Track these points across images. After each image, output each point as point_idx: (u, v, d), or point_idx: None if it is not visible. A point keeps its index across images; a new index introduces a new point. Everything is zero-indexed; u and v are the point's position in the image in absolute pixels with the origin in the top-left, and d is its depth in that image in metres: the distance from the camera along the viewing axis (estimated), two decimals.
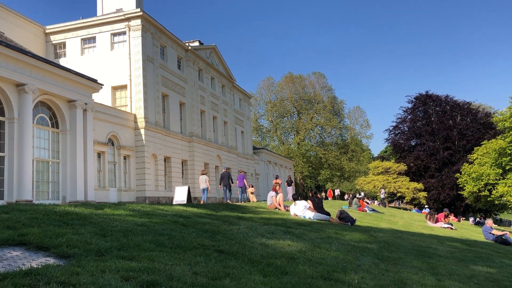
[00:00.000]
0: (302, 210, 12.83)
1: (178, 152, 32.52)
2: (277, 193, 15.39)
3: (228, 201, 22.40)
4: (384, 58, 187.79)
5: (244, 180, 24.45)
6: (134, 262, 4.07)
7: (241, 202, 22.47)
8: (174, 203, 18.92)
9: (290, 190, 25.91)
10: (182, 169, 33.69)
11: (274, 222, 9.77)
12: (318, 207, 13.33)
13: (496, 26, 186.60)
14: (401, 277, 5.39)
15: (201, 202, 20.95)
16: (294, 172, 70.26)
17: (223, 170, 24.04)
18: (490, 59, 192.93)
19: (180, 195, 21.47)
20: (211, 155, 37.51)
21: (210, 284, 3.69)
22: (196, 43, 38.61)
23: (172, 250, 4.98)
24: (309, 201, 13.53)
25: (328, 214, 13.10)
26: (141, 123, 28.06)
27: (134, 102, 28.43)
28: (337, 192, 49.60)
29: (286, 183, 27.72)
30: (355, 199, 24.67)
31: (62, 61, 29.47)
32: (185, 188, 21.97)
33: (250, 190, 26.03)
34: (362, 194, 44.78)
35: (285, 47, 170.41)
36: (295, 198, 13.28)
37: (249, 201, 24.18)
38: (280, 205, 14.89)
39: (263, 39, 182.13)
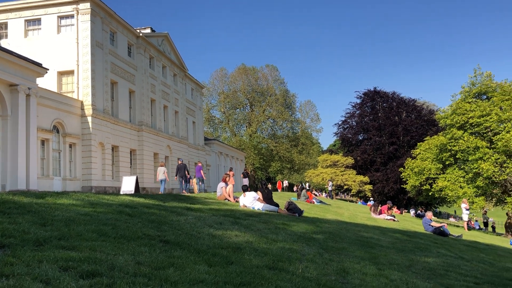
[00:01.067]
0: (251, 201, 12.90)
1: (127, 141, 31.75)
2: (227, 184, 15.38)
3: (183, 191, 23.21)
4: (336, 54, 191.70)
5: (202, 171, 25.61)
6: (74, 252, 3.94)
7: (199, 192, 22.77)
8: (121, 193, 18.49)
9: (246, 182, 26.19)
10: (131, 159, 32.95)
11: (223, 213, 9.76)
12: (267, 198, 13.46)
13: (443, 28, 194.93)
14: (344, 266, 5.56)
15: (159, 193, 21.16)
16: (246, 164, 70.59)
17: (179, 162, 25.00)
18: (435, 58, 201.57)
19: (127, 185, 21.02)
20: (161, 145, 36.92)
21: (153, 274, 3.63)
22: (148, 30, 37.68)
23: (115, 240, 4.86)
24: (258, 192, 13.63)
25: (277, 205, 13.26)
26: (88, 110, 27.12)
27: (81, 89, 27.41)
28: (285, 183, 50.17)
29: (242, 175, 28.17)
30: (303, 191, 25.12)
31: (3, 43, 27.85)
32: (133, 178, 21.54)
33: (194, 180, 26.05)
34: (307, 185, 45.72)
35: (238, 39, 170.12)
36: (245, 189, 13.33)
37: (193, 192, 24.42)
38: (230, 196, 14.90)
39: (217, 29, 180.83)
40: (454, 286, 5.53)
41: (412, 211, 39.92)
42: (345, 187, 51.20)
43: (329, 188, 44.46)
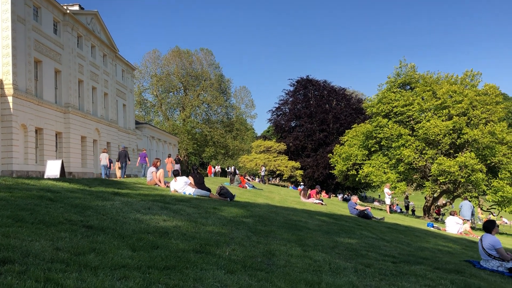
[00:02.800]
0: (182, 186, 12.77)
1: (52, 124, 30.09)
2: (157, 168, 15.09)
3: (124, 176, 24.64)
4: (271, 41, 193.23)
5: (146, 158, 26.60)
6: None
7: (142, 177, 22.68)
8: (45, 177, 17.54)
9: (178, 168, 26.19)
10: (56, 142, 31.30)
11: (152, 198, 9.58)
12: (199, 183, 13.38)
13: (372, 21, 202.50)
14: (270, 249, 5.67)
15: (102, 177, 21.68)
16: (179, 149, 69.66)
17: (121, 149, 26.47)
18: (365, 49, 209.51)
19: (52, 169, 19.98)
20: (89, 128, 35.41)
21: (72, 260, 3.49)
22: (76, 8, 35.65)
23: (33, 226, 4.61)
24: (190, 177, 13.51)
25: (208, 190, 13.23)
26: (9, 90, 25.34)
27: (1, 67, 25.51)
28: (217, 168, 49.95)
29: (174, 161, 28.27)
30: (236, 176, 25.28)
31: None
32: (58, 162, 20.50)
33: (117, 165, 25.53)
34: (232, 168, 46.14)
35: (172, 21, 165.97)
36: (176, 174, 13.15)
37: (116, 176, 24.16)
38: (160, 181, 14.65)
39: (150, 10, 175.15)
40: (373, 265, 5.82)
41: (340, 195, 41.62)
42: (278, 172, 52.19)
43: (262, 173, 45.12)
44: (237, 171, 28.06)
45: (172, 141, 64.40)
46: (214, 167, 49.84)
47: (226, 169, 54.91)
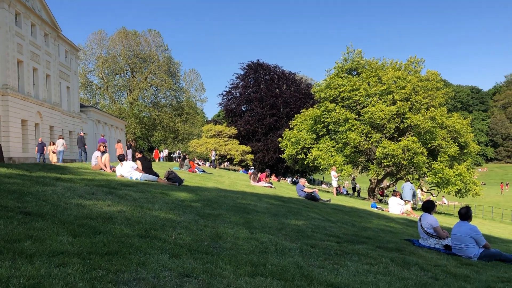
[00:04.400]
0: (129, 171, 12.47)
1: None
2: (102, 153, 14.63)
3: (83, 161, 25.54)
4: (222, 24, 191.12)
5: (106, 143, 27.10)
6: None
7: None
8: None
9: (130, 153, 26.02)
10: None
11: (97, 183, 9.29)
12: (146, 168, 13.11)
13: (320, 10, 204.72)
14: (218, 232, 5.67)
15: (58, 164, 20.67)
16: (126, 133, 67.94)
17: (80, 134, 27.98)
18: (315, 34, 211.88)
19: None
20: (30, 111, 33.75)
21: (6, 247, 3.32)
22: None
23: None
24: (137, 161, 13.22)
25: (156, 175, 13.01)
26: None
27: None
28: (165, 153, 48.84)
29: (126, 146, 28.24)
30: (186, 160, 25.03)
31: None
32: None
33: (51, 148, 24.75)
34: (177, 153, 45.74)
35: (118, 0, 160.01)
36: (121, 158, 12.80)
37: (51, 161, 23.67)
38: (106, 166, 14.24)
39: None
40: (318, 246, 5.97)
41: (289, 179, 42.33)
42: (228, 156, 52.20)
43: (212, 158, 44.97)
44: (186, 156, 27.73)
45: (119, 125, 62.69)
46: (161, 152, 48.69)
47: (172, 154, 54.03)
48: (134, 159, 13.06)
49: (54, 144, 25.65)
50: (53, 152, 24.68)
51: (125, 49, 68.46)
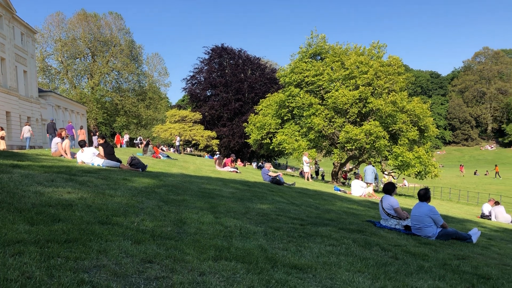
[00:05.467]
0: (90, 157, 12.17)
1: None
2: (63, 139, 14.21)
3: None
4: (185, 7, 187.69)
5: (73, 130, 27.55)
6: None
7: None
8: None
9: (95, 139, 25.61)
10: None
11: (57, 170, 9.02)
12: (108, 153, 12.83)
13: None
14: (182, 217, 5.63)
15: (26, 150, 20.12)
16: (88, 119, 66.19)
17: (50, 121, 27.41)
18: (279, 18, 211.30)
19: None
20: None
21: None
22: None
23: None
24: (99, 147, 12.92)
25: (119, 161, 12.76)
26: None
27: None
28: (126, 138, 47.62)
29: (91, 133, 27.96)
30: (149, 146, 24.67)
31: None
32: None
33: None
34: (138, 139, 45.02)
35: None
36: (82, 144, 12.47)
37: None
38: (66, 153, 13.84)
39: None
40: (282, 228, 6.04)
41: (255, 164, 42.51)
42: (193, 142, 51.82)
43: (177, 143, 44.53)
44: (149, 141, 27.36)
45: (80, 111, 60.98)
46: (123, 137, 47.44)
47: (135, 140, 52.92)
48: (82, 143, 12.73)
49: (2, 129, 24.38)
50: (1, 139, 23.47)
51: (85, 32, 66.25)
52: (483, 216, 18.47)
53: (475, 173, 69.48)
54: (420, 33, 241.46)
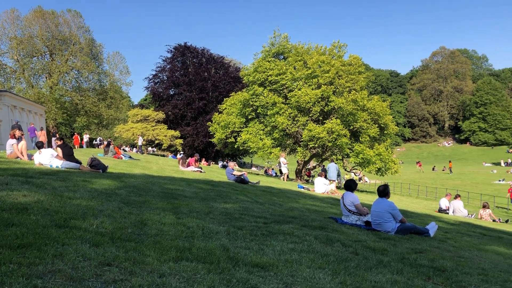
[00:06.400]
0: (48, 158, 11.81)
1: None
2: (18, 140, 13.71)
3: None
4: (147, 5, 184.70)
5: (36, 131, 26.41)
6: None
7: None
8: None
9: (54, 141, 24.87)
10: None
11: (12, 173, 8.71)
12: (67, 155, 12.50)
13: None
14: (143, 219, 5.55)
15: None
16: (46, 119, 64.05)
17: (15, 123, 26.22)
18: (242, 17, 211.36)
19: None
20: None
21: None
22: None
23: None
24: (57, 148, 12.55)
25: (78, 162, 12.45)
26: None
27: None
28: (86, 138, 46.11)
29: (50, 134, 27.02)
30: (110, 146, 24.17)
31: None
32: None
33: None
34: (98, 139, 44.04)
35: None
36: (39, 146, 12.08)
37: None
38: (22, 154, 13.36)
39: None
40: (245, 227, 6.05)
41: (220, 163, 42.35)
42: (156, 141, 51.11)
43: (139, 143, 43.82)
44: (111, 142, 26.73)
45: (38, 111, 58.88)
46: (82, 138, 45.83)
47: (94, 140, 51.57)
48: (39, 144, 12.36)
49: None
50: None
51: (42, 30, 64.01)
52: (440, 210, 19.14)
53: (433, 169, 71.82)
54: (380, 33, 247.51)
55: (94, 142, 50.85)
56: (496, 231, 12.23)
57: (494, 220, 18.31)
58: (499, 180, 46.16)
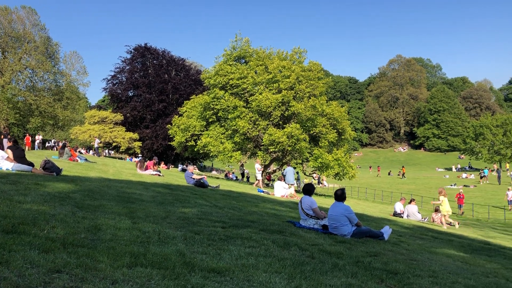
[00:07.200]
0: None
1: None
2: None
3: None
4: (106, 5, 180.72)
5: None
6: None
7: None
8: None
9: (5, 142, 23.53)
10: None
11: None
12: (18, 156, 12.00)
13: None
14: (97, 223, 5.40)
15: None
16: None
17: None
18: (204, 21, 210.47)
19: None
20: None
21: None
22: None
23: None
24: (8, 150, 12.03)
25: (31, 164, 11.99)
26: None
27: None
28: (39, 139, 44.15)
29: (2, 136, 25.41)
30: (66, 148, 23.43)
31: None
32: None
33: None
34: (53, 141, 42.65)
35: None
36: None
37: None
38: None
39: None
40: (203, 232, 6.00)
41: (180, 166, 41.92)
42: (114, 144, 49.97)
43: (96, 146, 42.74)
44: (66, 144, 25.88)
45: None
46: (35, 139, 43.89)
47: (48, 142, 49.76)
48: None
49: None
50: None
51: None
52: (395, 214, 19.70)
53: (389, 174, 73.92)
54: (339, 40, 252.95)
55: (47, 144, 49.12)
56: (447, 234, 12.72)
57: (450, 224, 18.79)
58: (451, 185, 48.06)
